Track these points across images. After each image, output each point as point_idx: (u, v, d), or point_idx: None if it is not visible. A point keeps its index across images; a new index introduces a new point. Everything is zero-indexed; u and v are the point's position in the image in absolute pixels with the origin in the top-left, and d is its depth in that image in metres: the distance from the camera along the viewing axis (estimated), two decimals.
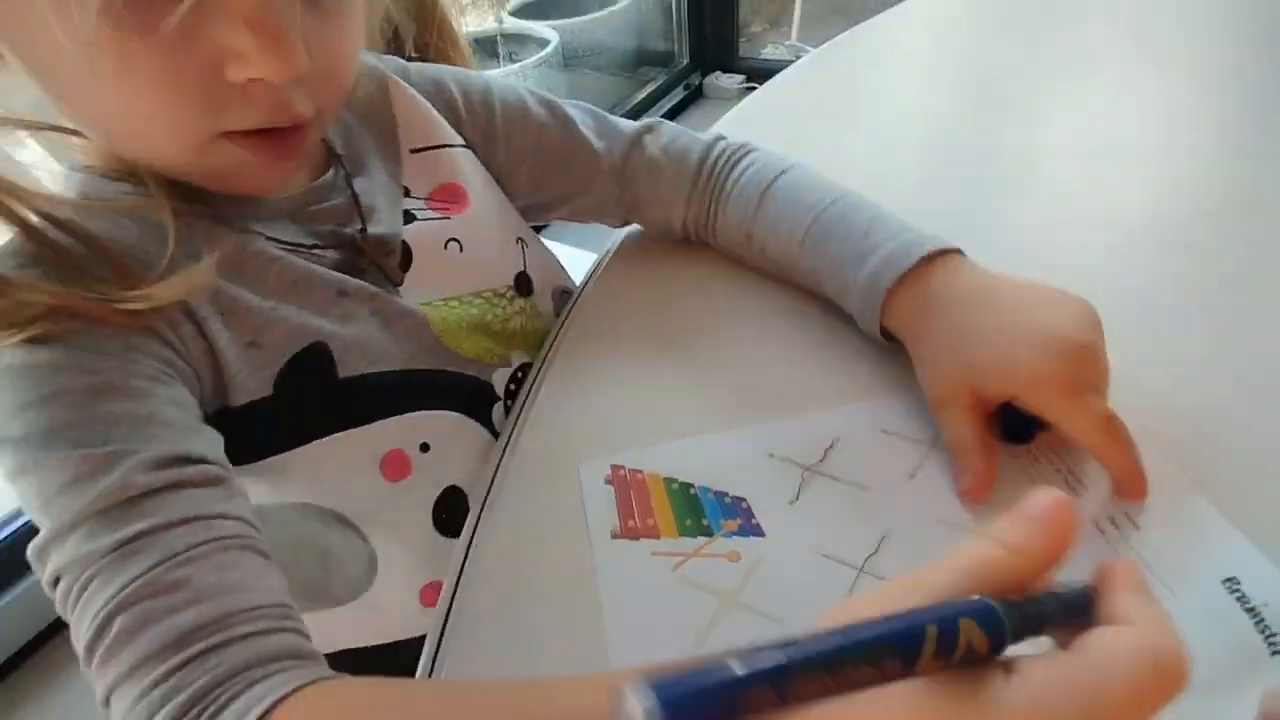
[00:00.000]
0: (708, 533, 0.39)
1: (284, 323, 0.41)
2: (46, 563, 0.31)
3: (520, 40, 2.25)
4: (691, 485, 0.41)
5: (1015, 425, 0.40)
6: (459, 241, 0.50)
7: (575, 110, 0.56)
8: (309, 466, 0.42)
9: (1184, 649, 0.19)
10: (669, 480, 0.42)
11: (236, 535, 0.33)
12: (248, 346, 0.39)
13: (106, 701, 0.29)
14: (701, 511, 0.40)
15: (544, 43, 2.20)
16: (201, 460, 0.34)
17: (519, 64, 2.13)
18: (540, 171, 0.56)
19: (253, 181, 0.40)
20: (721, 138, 0.56)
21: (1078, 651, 0.19)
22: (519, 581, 0.39)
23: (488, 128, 0.54)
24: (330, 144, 0.48)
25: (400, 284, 0.47)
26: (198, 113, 0.34)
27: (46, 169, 0.40)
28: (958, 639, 0.18)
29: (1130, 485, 0.37)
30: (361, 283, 0.44)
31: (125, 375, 0.34)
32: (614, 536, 0.39)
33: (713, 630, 0.35)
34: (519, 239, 0.55)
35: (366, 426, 0.43)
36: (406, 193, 0.50)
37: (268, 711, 0.27)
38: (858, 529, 0.38)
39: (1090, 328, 0.39)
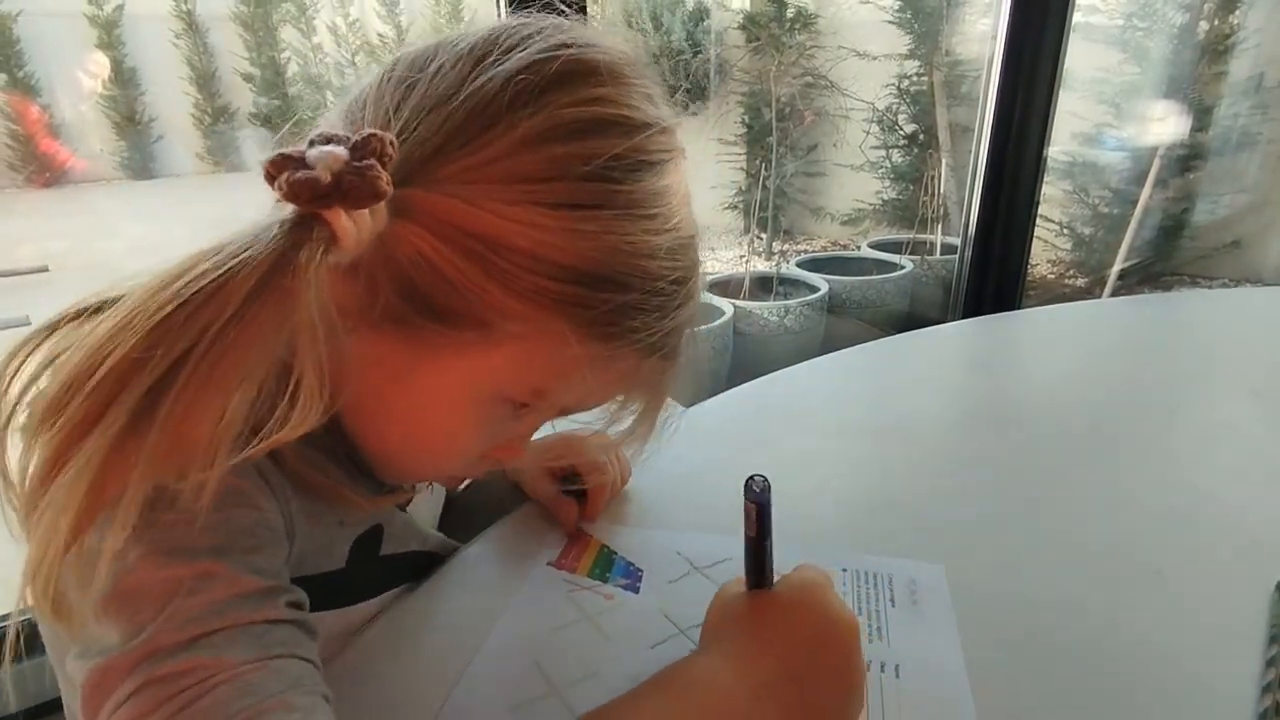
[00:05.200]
0: (603, 579, 0.55)
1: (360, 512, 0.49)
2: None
3: (794, 284, 2.61)
4: (615, 553, 0.58)
5: None
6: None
7: None
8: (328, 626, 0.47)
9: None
10: (604, 546, 0.59)
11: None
12: (339, 525, 0.47)
13: None
14: (609, 568, 0.56)
15: (814, 289, 2.53)
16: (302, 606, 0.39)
17: (786, 301, 2.47)
18: None
19: None
20: None
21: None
22: (487, 575, 0.58)
23: None
24: None
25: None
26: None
27: None
28: None
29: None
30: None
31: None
32: (548, 564, 0.57)
33: (563, 630, 0.51)
34: None
35: (380, 598, 0.53)
36: None
37: None
38: (699, 608, 0.51)
39: None
